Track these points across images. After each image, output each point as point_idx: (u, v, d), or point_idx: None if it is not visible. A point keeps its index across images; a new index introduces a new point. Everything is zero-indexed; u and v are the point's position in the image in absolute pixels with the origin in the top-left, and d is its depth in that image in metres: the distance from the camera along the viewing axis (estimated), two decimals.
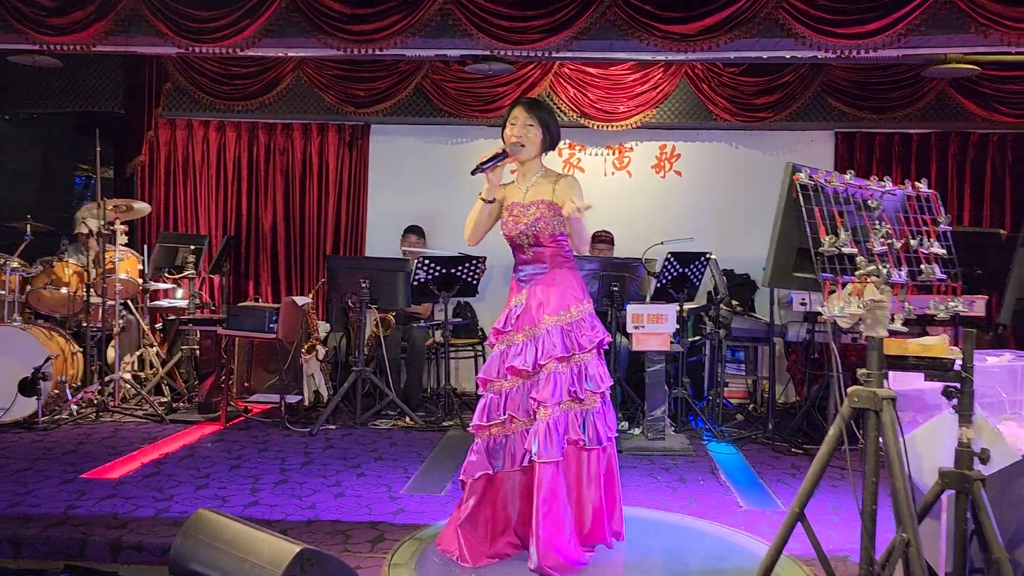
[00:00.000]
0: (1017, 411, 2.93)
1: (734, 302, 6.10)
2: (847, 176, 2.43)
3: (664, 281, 5.43)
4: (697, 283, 5.64)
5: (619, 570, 3.13)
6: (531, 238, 3.18)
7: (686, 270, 5.48)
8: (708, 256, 5.59)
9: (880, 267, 2.31)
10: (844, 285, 2.37)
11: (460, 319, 6.66)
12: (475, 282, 5.81)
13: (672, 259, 5.39)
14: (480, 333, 6.86)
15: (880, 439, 2.37)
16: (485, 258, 5.83)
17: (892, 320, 2.38)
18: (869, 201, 2.43)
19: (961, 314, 2.55)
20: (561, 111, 6.86)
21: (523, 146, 3.17)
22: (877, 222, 2.41)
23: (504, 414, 3.11)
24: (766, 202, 6.89)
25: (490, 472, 3.13)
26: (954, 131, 6.69)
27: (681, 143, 7.02)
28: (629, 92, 6.75)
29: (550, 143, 3.25)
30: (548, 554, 2.96)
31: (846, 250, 2.29)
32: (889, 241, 2.39)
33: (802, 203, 2.30)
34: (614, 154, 7.07)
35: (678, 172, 7.04)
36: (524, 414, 3.10)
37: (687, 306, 5.66)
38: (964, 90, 6.39)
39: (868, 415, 2.38)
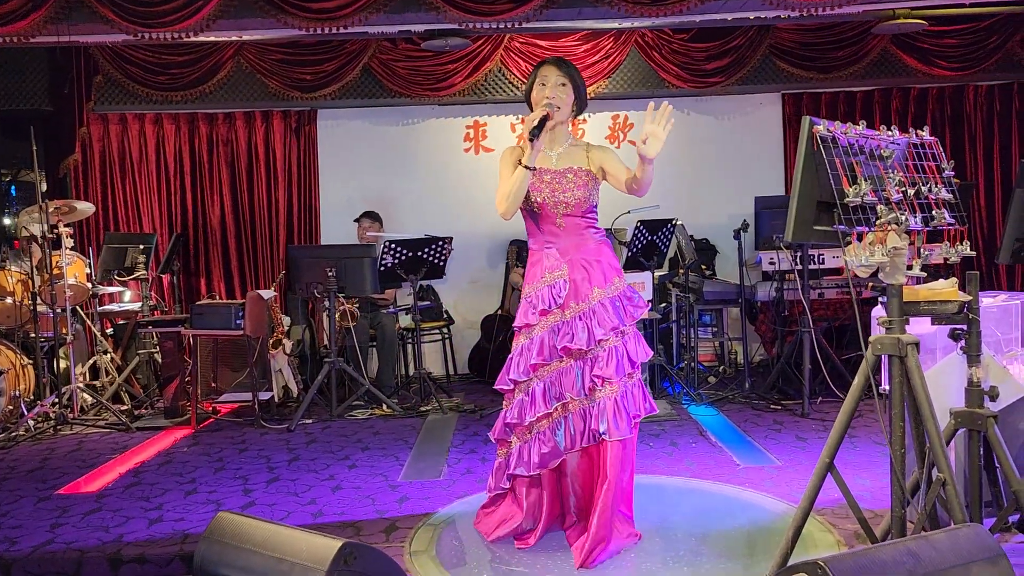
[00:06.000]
0: (1013, 348, 3.03)
1: (703, 267, 6.17)
2: (859, 126, 2.45)
3: (635, 249, 5.43)
4: (665, 250, 5.66)
5: (638, 537, 3.12)
6: (569, 207, 3.01)
7: (654, 237, 5.50)
8: (674, 222, 5.62)
9: (899, 215, 2.34)
10: (859, 236, 2.39)
11: (427, 302, 6.56)
12: (442, 264, 5.71)
13: (641, 227, 5.40)
14: (446, 316, 6.77)
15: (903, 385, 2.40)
16: (451, 238, 5.75)
17: (910, 267, 2.42)
18: (882, 150, 2.45)
19: (938, 263, 2.61)
20: (513, 85, 6.79)
21: (559, 108, 2.97)
22: (890, 171, 2.43)
23: (554, 403, 2.94)
24: (719, 167, 7.11)
25: (554, 464, 2.98)
26: (895, 87, 6.85)
27: (633, 112, 7.03)
28: (580, 63, 6.68)
29: (579, 106, 3.07)
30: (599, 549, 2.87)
31: (867, 200, 2.31)
32: (903, 189, 2.42)
33: (824, 155, 2.31)
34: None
35: (632, 142, 7.04)
36: (579, 394, 2.94)
37: (656, 273, 5.68)
38: (905, 47, 6.56)
39: (893, 361, 2.42)
